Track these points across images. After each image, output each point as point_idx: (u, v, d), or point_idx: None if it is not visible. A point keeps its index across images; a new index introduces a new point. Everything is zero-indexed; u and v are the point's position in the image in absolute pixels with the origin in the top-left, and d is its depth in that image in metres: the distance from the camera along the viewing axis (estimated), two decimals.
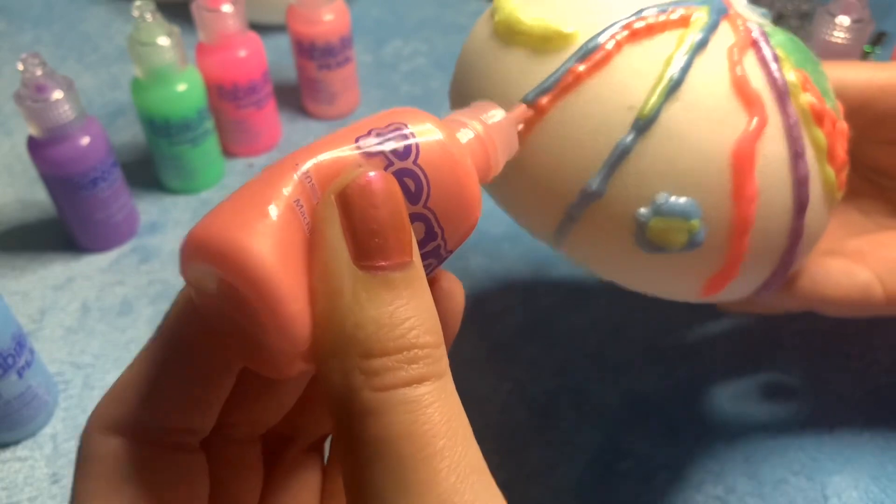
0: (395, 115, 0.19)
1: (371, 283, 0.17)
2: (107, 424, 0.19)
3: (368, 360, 0.17)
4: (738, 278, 0.31)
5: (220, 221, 0.17)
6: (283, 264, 0.17)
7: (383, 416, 0.16)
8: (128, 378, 0.20)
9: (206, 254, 0.17)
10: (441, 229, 0.19)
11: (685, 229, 0.29)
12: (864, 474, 0.38)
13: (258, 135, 0.56)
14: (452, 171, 0.19)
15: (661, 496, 0.38)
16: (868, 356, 0.43)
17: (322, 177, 0.18)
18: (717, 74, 0.29)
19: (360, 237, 0.17)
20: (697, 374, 0.43)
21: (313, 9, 0.54)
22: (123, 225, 0.50)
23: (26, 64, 0.43)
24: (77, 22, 0.71)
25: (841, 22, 0.46)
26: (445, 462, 0.16)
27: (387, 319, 0.17)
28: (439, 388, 0.17)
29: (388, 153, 0.18)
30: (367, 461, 0.16)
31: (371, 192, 0.17)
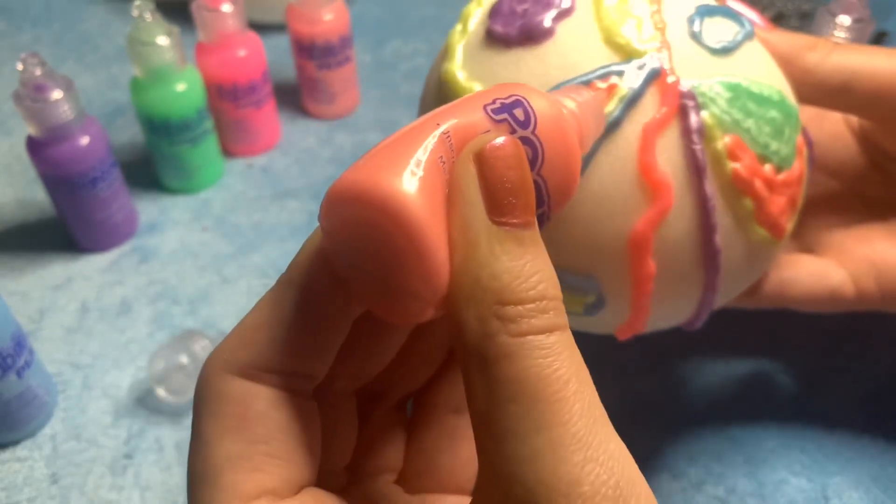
0: (513, 87, 0.20)
1: (504, 238, 0.18)
2: (234, 366, 0.20)
3: (504, 307, 0.18)
4: (650, 327, 0.33)
5: (373, 168, 0.18)
6: (430, 213, 0.18)
7: (520, 359, 0.17)
8: (254, 321, 0.20)
9: (358, 198, 0.18)
10: (548, 196, 0.20)
11: (581, 302, 0.31)
12: (865, 475, 0.38)
13: (258, 134, 0.56)
14: (562, 143, 0.20)
15: (661, 496, 0.38)
16: (868, 356, 0.43)
17: (458, 137, 0.19)
18: (624, 160, 0.29)
19: (495, 195, 0.18)
20: (697, 374, 0.43)
21: (313, 8, 0.54)
22: (123, 225, 0.50)
23: (26, 64, 0.42)
24: (76, 22, 0.71)
25: (841, 21, 0.45)
26: (578, 405, 0.18)
27: (519, 271, 0.18)
28: (567, 338, 0.18)
29: (512, 121, 0.20)
30: (503, 401, 0.17)
31: (505, 154, 0.19)
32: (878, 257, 0.35)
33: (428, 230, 0.18)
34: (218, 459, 0.19)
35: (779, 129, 0.31)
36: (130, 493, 0.38)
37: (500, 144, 0.19)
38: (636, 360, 0.43)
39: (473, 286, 0.18)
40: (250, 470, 0.19)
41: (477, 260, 0.18)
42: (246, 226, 0.52)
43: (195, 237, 0.51)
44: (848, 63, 0.33)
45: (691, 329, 0.35)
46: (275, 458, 0.19)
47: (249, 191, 0.54)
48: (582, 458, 0.17)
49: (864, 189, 0.39)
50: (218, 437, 0.19)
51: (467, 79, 0.31)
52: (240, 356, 0.20)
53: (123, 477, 0.39)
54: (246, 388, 0.20)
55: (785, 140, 0.31)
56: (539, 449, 0.17)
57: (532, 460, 0.17)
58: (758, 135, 0.30)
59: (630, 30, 0.30)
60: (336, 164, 0.56)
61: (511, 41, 0.31)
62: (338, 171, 0.56)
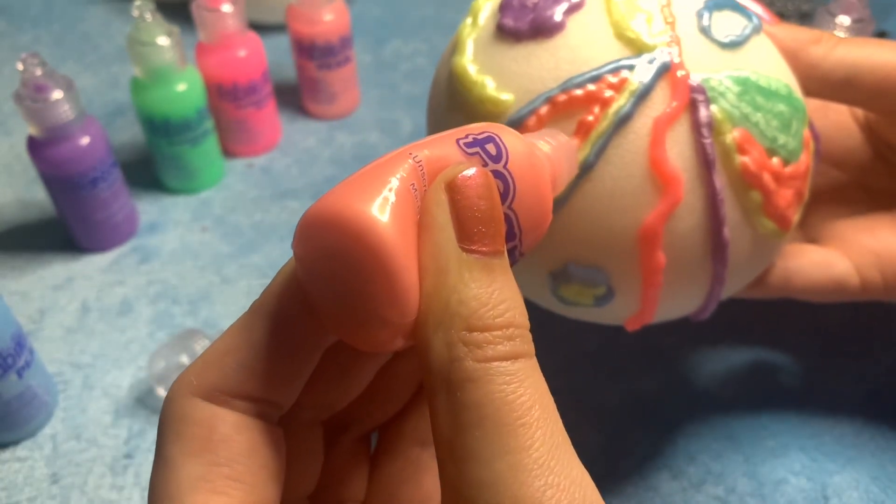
0: (486, 126, 0.21)
1: (474, 265, 0.19)
2: (201, 389, 0.20)
3: (471, 333, 0.18)
4: (658, 318, 0.33)
5: (345, 195, 0.18)
6: (400, 238, 0.18)
7: (484, 385, 0.18)
8: (223, 345, 0.20)
9: (330, 223, 0.18)
10: (520, 230, 0.21)
11: (591, 294, 0.31)
12: (865, 474, 0.38)
13: (258, 135, 0.56)
14: (534, 180, 0.21)
15: (661, 496, 0.38)
16: (868, 356, 0.43)
17: (430, 167, 0.19)
18: (635, 153, 0.29)
19: (466, 223, 0.19)
20: (697, 373, 0.43)
21: (313, 9, 0.54)
22: (123, 225, 0.50)
23: (26, 64, 0.43)
24: (77, 22, 0.71)
25: (841, 22, 0.46)
26: (541, 431, 0.18)
27: (487, 298, 0.18)
28: (532, 366, 0.19)
29: (484, 155, 0.20)
30: (467, 426, 0.18)
31: (476, 184, 0.19)
32: (882, 248, 0.35)
33: (397, 254, 0.18)
34: (180, 481, 0.19)
35: (786, 123, 0.31)
36: (131, 492, 0.38)
37: (471, 174, 0.19)
38: (636, 360, 0.43)
39: (442, 311, 0.18)
40: (211, 492, 0.19)
41: (446, 286, 0.18)
42: (246, 226, 0.52)
43: (195, 237, 0.51)
44: (852, 56, 0.33)
45: (699, 319, 0.35)
46: (237, 481, 0.19)
47: (250, 191, 0.54)
48: (543, 483, 0.17)
49: (868, 180, 0.39)
50: (181, 458, 0.19)
51: (478, 72, 0.31)
52: (207, 380, 0.20)
53: (124, 477, 0.39)
54: (211, 412, 0.20)
55: (792, 133, 0.31)
56: (501, 473, 0.17)
57: (493, 485, 0.17)
58: (766, 128, 0.30)
59: (640, 24, 0.30)
60: (336, 164, 0.56)
61: (522, 35, 0.31)
62: (338, 171, 0.56)
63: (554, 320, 0.45)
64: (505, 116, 0.30)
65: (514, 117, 0.30)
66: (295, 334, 0.20)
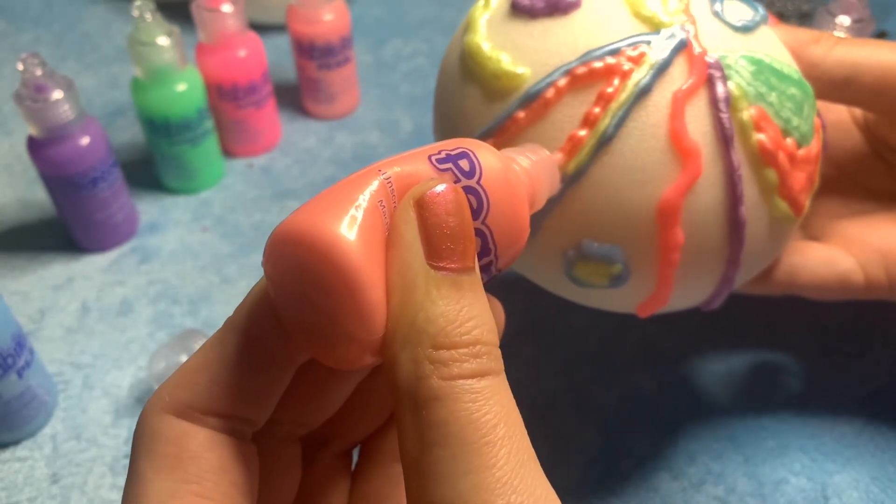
0: (462, 142, 0.21)
1: (441, 282, 0.18)
2: (173, 406, 0.20)
3: (438, 350, 0.18)
4: (671, 304, 0.32)
5: (311, 213, 0.18)
6: (366, 255, 0.18)
7: (450, 402, 0.18)
8: (196, 362, 0.21)
9: (297, 240, 0.18)
10: (495, 246, 0.21)
11: (606, 273, 0.31)
12: (865, 474, 0.38)
13: (258, 135, 0.56)
14: (509, 195, 0.21)
15: (661, 496, 0.38)
16: (868, 356, 0.43)
17: (400, 184, 0.20)
18: (655, 126, 0.29)
19: (434, 239, 0.19)
20: (697, 374, 0.43)
21: (313, 9, 0.54)
22: (123, 225, 0.50)
23: (26, 64, 0.43)
24: (77, 22, 0.71)
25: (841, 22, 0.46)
26: (505, 449, 0.18)
27: (455, 315, 0.18)
28: (499, 383, 0.19)
29: (457, 171, 0.20)
30: (431, 444, 0.18)
31: (445, 200, 0.19)
32: (886, 245, 0.35)
33: (363, 271, 0.18)
34: (149, 497, 0.19)
35: (799, 106, 0.31)
36: None
37: (440, 191, 0.19)
38: (636, 360, 0.43)
39: (409, 328, 0.18)
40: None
41: (413, 303, 0.18)
42: (246, 226, 0.52)
43: (195, 237, 0.51)
44: (851, 56, 0.33)
45: (709, 309, 0.34)
46: (206, 498, 0.19)
47: (250, 191, 0.54)
48: (506, 501, 0.17)
49: (868, 181, 0.39)
50: (151, 474, 0.20)
51: (493, 49, 0.31)
52: (179, 396, 0.20)
53: (124, 477, 0.39)
54: (182, 428, 0.20)
55: (804, 117, 0.31)
56: (464, 492, 0.17)
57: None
58: (780, 109, 0.30)
59: (655, 4, 0.30)
60: (336, 164, 0.56)
61: (537, 13, 0.31)
62: (338, 171, 0.56)
63: (554, 320, 0.45)
64: (521, 90, 0.30)
65: (532, 90, 0.30)
66: (266, 352, 0.20)
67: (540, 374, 0.42)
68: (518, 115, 0.30)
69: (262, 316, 0.20)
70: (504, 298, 0.47)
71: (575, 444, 0.39)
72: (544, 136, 0.29)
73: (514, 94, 0.30)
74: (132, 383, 0.43)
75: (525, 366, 0.43)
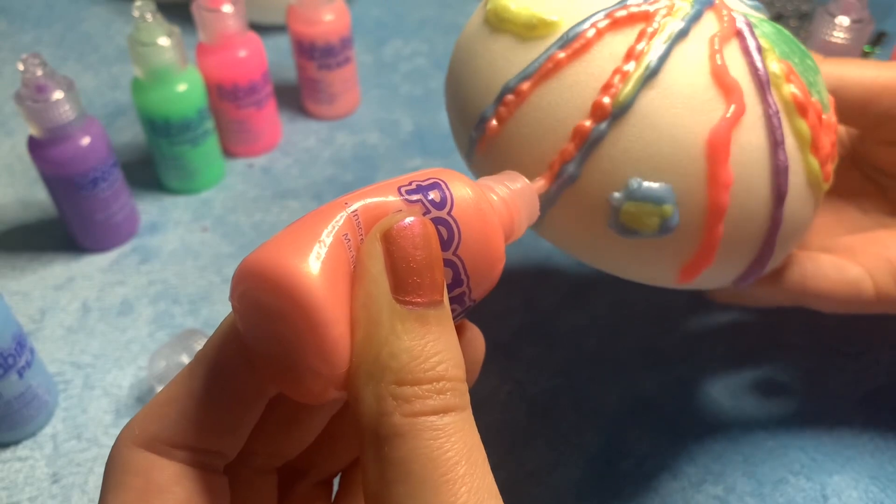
0: (435, 172, 0.21)
1: (407, 317, 0.18)
2: (142, 439, 0.20)
3: (401, 387, 0.18)
4: (714, 266, 0.31)
5: (274, 249, 0.18)
6: (329, 291, 0.18)
7: (411, 440, 0.18)
8: (167, 396, 0.21)
9: (259, 278, 0.18)
10: (467, 277, 0.21)
11: (657, 214, 0.29)
12: (864, 474, 0.38)
13: (258, 135, 0.56)
14: (481, 226, 0.21)
15: (661, 496, 0.38)
16: (868, 356, 0.43)
17: (368, 217, 0.19)
18: (696, 63, 0.29)
19: (400, 274, 0.19)
20: (697, 374, 0.43)
21: (313, 9, 0.54)
22: (123, 225, 0.50)
23: (26, 64, 0.43)
24: (77, 22, 0.71)
25: (841, 22, 0.46)
26: (465, 487, 0.17)
27: (419, 351, 0.18)
28: (463, 420, 0.18)
29: (427, 202, 0.20)
30: (392, 481, 0.18)
31: (413, 233, 0.19)
32: (893, 255, 0.35)
33: (325, 307, 0.18)
34: None
35: (816, 75, 0.32)
36: None
37: (407, 224, 0.19)
38: (636, 360, 0.43)
39: (373, 364, 0.18)
40: None
41: (378, 338, 0.18)
42: (246, 226, 0.52)
43: (196, 237, 0.51)
44: (836, 72, 0.34)
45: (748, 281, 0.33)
46: None
47: (250, 191, 0.54)
48: None
49: (861, 203, 0.39)
50: None
51: (518, 5, 0.31)
52: (148, 429, 0.20)
53: None
54: (150, 462, 0.20)
55: (821, 87, 0.32)
56: None
57: None
58: (803, 71, 0.31)
59: None
60: (336, 164, 0.56)
61: None
62: (338, 171, 0.56)
63: (554, 320, 0.45)
64: (558, 33, 0.30)
65: (571, 32, 0.30)
66: (234, 385, 0.20)
67: (540, 374, 0.42)
68: (557, 55, 0.30)
69: (230, 349, 0.20)
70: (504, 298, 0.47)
71: (575, 444, 0.39)
72: (586, 73, 0.29)
73: (550, 38, 0.30)
74: (133, 383, 0.43)
75: (525, 366, 0.43)
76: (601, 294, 0.47)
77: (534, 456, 0.39)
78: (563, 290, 0.47)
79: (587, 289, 0.47)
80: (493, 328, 0.44)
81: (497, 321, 0.45)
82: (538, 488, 0.38)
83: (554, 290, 0.47)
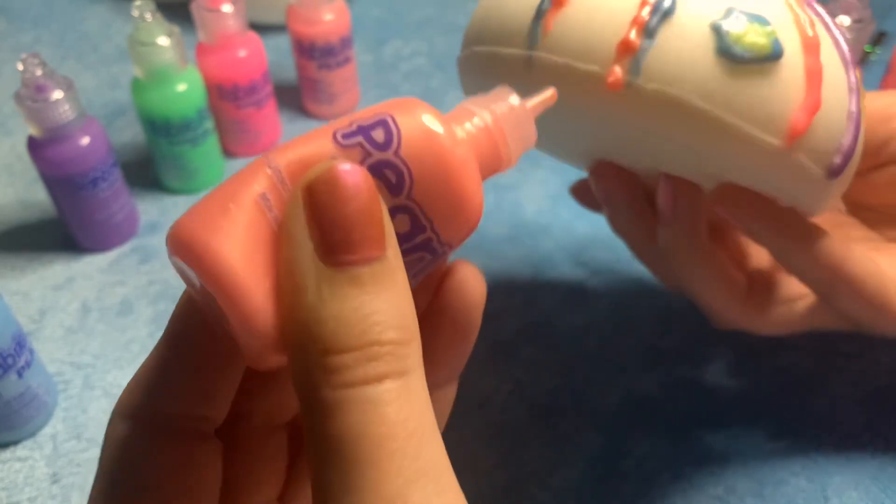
0: (383, 106, 0.19)
1: (335, 279, 0.17)
2: (124, 411, 0.20)
3: (328, 356, 0.16)
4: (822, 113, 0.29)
5: (188, 219, 0.17)
6: (244, 259, 0.17)
7: (340, 414, 0.16)
8: (144, 367, 0.20)
9: (175, 249, 0.18)
10: (430, 221, 0.19)
11: (765, 34, 0.28)
12: (865, 475, 0.38)
13: (258, 135, 0.56)
14: (440, 163, 0.18)
15: (662, 496, 0.38)
16: (868, 356, 0.43)
17: (294, 171, 0.18)
18: None
19: (326, 232, 0.17)
20: (697, 374, 0.43)
21: (313, 9, 0.54)
22: (123, 225, 0.50)
23: (26, 64, 0.43)
24: (77, 22, 0.71)
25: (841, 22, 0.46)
26: (395, 464, 0.16)
27: (348, 316, 0.16)
28: (401, 386, 0.17)
29: (367, 144, 0.18)
30: (322, 459, 0.16)
31: (337, 185, 0.17)
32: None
33: (236, 276, 0.17)
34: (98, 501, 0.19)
35: None
36: None
37: (330, 175, 0.17)
38: (636, 360, 0.43)
39: (300, 335, 0.17)
40: None
41: (304, 306, 0.17)
42: None
43: None
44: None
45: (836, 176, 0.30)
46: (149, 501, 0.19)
47: None
48: None
49: (849, 233, 0.38)
50: (99, 480, 0.20)
51: None
52: (131, 400, 0.20)
53: None
54: (128, 431, 0.20)
55: None
56: None
57: None
58: None
59: None
60: None
61: None
62: None
63: (554, 320, 0.45)
64: None
65: None
66: (201, 350, 0.20)
67: (540, 374, 0.42)
68: None
69: (191, 314, 0.20)
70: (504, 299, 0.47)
71: (575, 444, 0.39)
72: None
73: None
74: None
75: (525, 366, 0.43)
76: (601, 294, 0.47)
77: (534, 456, 0.39)
78: (563, 290, 0.47)
79: (587, 289, 0.47)
80: (493, 328, 0.44)
81: (497, 321, 0.45)
82: (538, 488, 0.38)
83: (554, 290, 0.47)
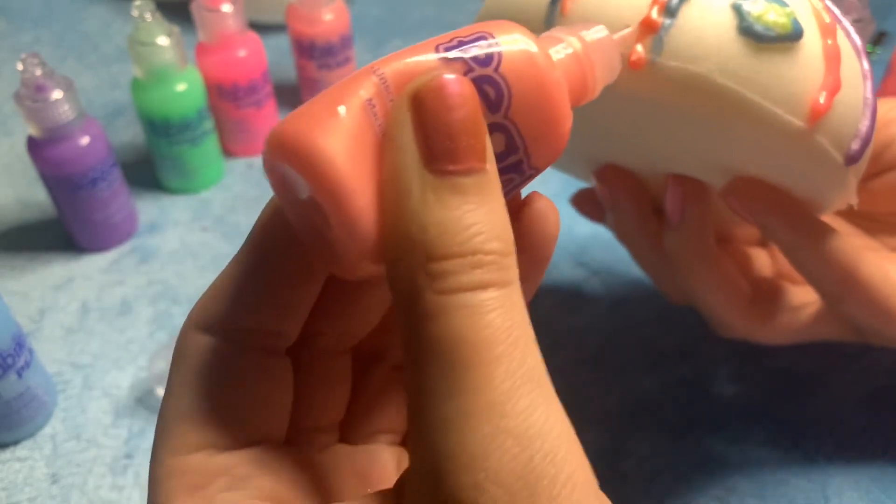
0: (483, 26, 0.19)
1: (440, 187, 0.17)
2: (199, 323, 0.20)
3: (432, 262, 0.16)
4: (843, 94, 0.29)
5: (294, 120, 0.17)
6: (351, 161, 0.17)
7: (443, 318, 0.16)
8: (221, 280, 0.20)
9: (279, 152, 0.17)
10: (523, 142, 0.19)
11: (784, 13, 0.28)
12: (865, 475, 0.38)
13: (258, 135, 0.56)
14: (538, 83, 0.18)
15: (662, 497, 0.38)
16: (868, 356, 0.43)
17: (398, 81, 0.18)
18: None
19: (431, 140, 0.17)
20: (697, 374, 0.43)
21: (313, 9, 0.54)
22: (123, 225, 0.50)
23: (26, 64, 0.43)
24: (77, 22, 0.71)
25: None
26: (502, 368, 0.16)
27: (452, 223, 0.17)
28: (504, 296, 0.17)
29: (469, 59, 0.18)
30: (424, 362, 0.16)
31: (445, 94, 0.17)
32: None
33: (343, 177, 0.17)
34: (170, 411, 0.20)
35: None
36: (131, 492, 0.38)
37: (438, 83, 0.17)
38: (636, 360, 0.43)
39: (402, 239, 0.17)
40: (196, 422, 0.19)
41: (407, 211, 0.17)
42: (246, 226, 0.52)
43: (195, 237, 0.51)
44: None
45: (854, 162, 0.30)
46: (224, 411, 0.19)
47: (250, 191, 0.54)
48: (492, 428, 0.16)
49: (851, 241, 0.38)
50: (175, 389, 0.20)
51: None
52: (206, 313, 0.20)
53: (124, 477, 0.39)
54: (206, 343, 0.20)
55: None
56: (448, 417, 0.16)
57: (441, 429, 0.16)
58: None
59: None
60: None
61: None
62: None
63: (554, 322, 0.45)
64: None
65: None
66: (284, 263, 0.20)
67: None
68: None
69: (275, 227, 0.20)
70: None
71: None
72: None
73: None
74: (132, 383, 0.43)
75: None
76: (601, 295, 0.47)
77: None
78: (563, 290, 0.47)
79: (587, 289, 0.47)
80: None
81: None
82: None
83: (553, 291, 0.47)
